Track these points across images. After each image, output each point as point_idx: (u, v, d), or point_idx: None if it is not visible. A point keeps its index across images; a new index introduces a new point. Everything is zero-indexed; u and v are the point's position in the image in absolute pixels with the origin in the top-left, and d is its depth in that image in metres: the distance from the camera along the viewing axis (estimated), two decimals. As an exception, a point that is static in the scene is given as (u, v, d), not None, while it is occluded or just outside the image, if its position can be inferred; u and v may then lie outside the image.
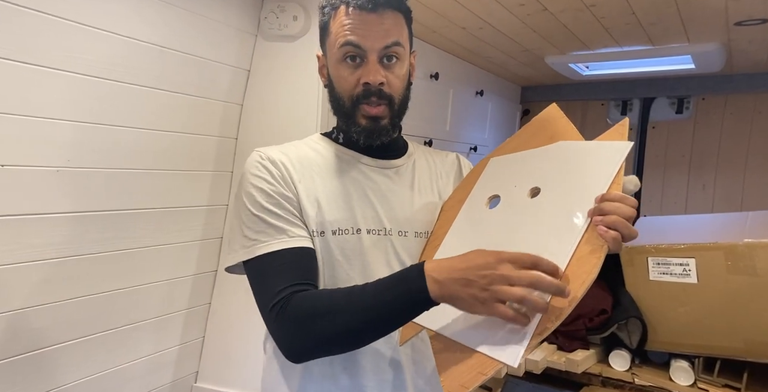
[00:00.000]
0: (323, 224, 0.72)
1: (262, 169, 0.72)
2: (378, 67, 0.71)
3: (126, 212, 1.13)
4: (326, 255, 0.72)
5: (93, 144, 1.04)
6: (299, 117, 1.29)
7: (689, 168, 2.21)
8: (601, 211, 0.59)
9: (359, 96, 0.72)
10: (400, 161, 0.81)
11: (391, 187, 0.78)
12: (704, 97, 2.16)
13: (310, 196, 0.72)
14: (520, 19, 1.40)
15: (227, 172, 1.37)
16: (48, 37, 0.92)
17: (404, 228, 0.76)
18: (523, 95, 2.52)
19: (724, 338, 1.23)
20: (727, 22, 1.36)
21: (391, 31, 0.71)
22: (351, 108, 0.73)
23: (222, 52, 1.26)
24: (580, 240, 0.60)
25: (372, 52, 0.70)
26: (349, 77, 0.72)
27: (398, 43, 0.71)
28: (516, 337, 0.57)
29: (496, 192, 0.73)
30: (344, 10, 0.71)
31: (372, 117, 0.73)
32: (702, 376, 1.28)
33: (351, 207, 0.74)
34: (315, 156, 0.77)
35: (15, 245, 0.94)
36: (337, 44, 0.72)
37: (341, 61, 0.72)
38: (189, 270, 1.32)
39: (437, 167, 0.86)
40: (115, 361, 1.18)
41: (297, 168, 0.74)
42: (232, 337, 1.35)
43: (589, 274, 0.56)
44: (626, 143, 0.64)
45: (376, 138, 0.75)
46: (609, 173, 0.62)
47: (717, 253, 1.24)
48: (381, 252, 0.74)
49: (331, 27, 0.73)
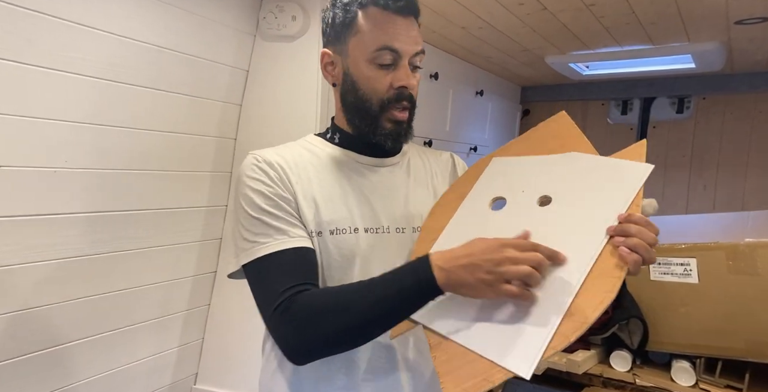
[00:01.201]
0: (321, 224, 0.72)
1: (259, 171, 0.72)
2: (410, 72, 0.73)
3: (124, 213, 1.13)
4: (325, 255, 0.72)
5: (90, 144, 1.03)
6: (298, 117, 1.29)
7: (690, 168, 2.21)
8: (624, 232, 0.59)
9: (390, 99, 0.72)
10: (396, 159, 0.82)
11: (388, 184, 0.78)
12: (705, 97, 2.16)
13: (307, 197, 0.73)
14: (519, 18, 1.40)
15: (226, 172, 1.37)
16: (45, 37, 0.92)
17: (401, 224, 0.77)
18: (523, 95, 2.51)
19: (726, 338, 1.23)
20: (728, 20, 1.36)
21: (419, 37, 0.73)
22: (378, 111, 0.73)
23: (220, 52, 1.26)
24: (597, 257, 0.59)
25: (406, 57, 0.72)
26: (381, 79, 0.72)
27: (423, 52, 0.74)
28: (529, 347, 0.56)
29: (501, 194, 0.72)
30: (379, 12, 0.70)
31: (398, 121, 0.74)
32: (703, 377, 1.27)
33: (348, 207, 0.74)
34: (310, 156, 0.77)
35: (14, 246, 0.94)
36: (373, 46, 0.70)
37: (373, 62, 0.71)
38: (188, 271, 1.31)
39: (431, 165, 0.86)
40: (114, 363, 1.17)
41: (293, 169, 0.74)
42: (231, 339, 1.35)
43: (608, 293, 0.56)
44: (647, 166, 0.63)
45: (401, 140, 0.77)
46: (629, 193, 0.61)
47: (718, 253, 1.23)
48: (379, 250, 0.74)
49: (361, 26, 0.71)
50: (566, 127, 0.74)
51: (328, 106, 1.30)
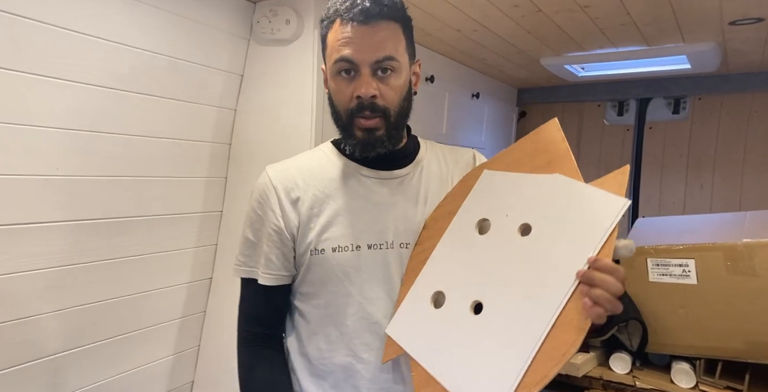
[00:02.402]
0: (322, 242, 0.74)
1: (260, 197, 0.78)
2: (370, 80, 0.71)
3: (118, 220, 1.12)
4: (326, 272, 0.74)
5: (83, 151, 1.02)
6: (293, 121, 1.28)
7: (687, 168, 2.21)
8: (589, 280, 0.58)
9: (354, 110, 0.72)
10: (405, 171, 0.80)
11: (393, 198, 0.77)
12: (700, 97, 2.16)
13: (311, 216, 0.75)
14: (514, 20, 1.40)
15: (221, 178, 1.36)
16: (38, 44, 0.91)
17: (405, 240, 0.76)
18: (520, 97, 2.52)
19: (725, 339, 1.22)
20: (722, 21, 1.36)
21: (384, 43, 0.71)
22: (347, 121, 0.74)
23: (214, 56, 1.25)
24: (566, 302, 0.59)
25: (364, 65, 0.71)
26: (344, 90, 0.73)
27: (391, 58, 0.71)
28: (499, 388, 0.58)
29: (486, 215, 0.73)
30: (339, 23, 0.71)
31: (366, 129, 0.73)
32: (703, 378, 1.26)
33: (351, 223, 0.75)
34: (320, 171, 0.79)
35: (4, 255, 0.93)
36: (333, 58, 0.72)
37: (337, 74, 0.73)
38: (183, 278, 1.30)
39: (450, 171, 0.83)
40: (109, 372, 1.16)
41: (301, 186, 0.76)
42: (228, 346, 1.33)
43: (571, 347, 0.56)
44: (623, 201, 0.61)
45: (371, 149, 0.75)
46: (601, 231, 0.60)
47: (716, 254, 1.23)
48: (380, 267, 0.75)
49: (328, 40, 0.74)
50: (555, 140, 0.73)
51: (323, 109, 1.29)
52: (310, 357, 0.77)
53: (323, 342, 0.76)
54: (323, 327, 0.76)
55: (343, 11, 0.70)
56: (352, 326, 0.74)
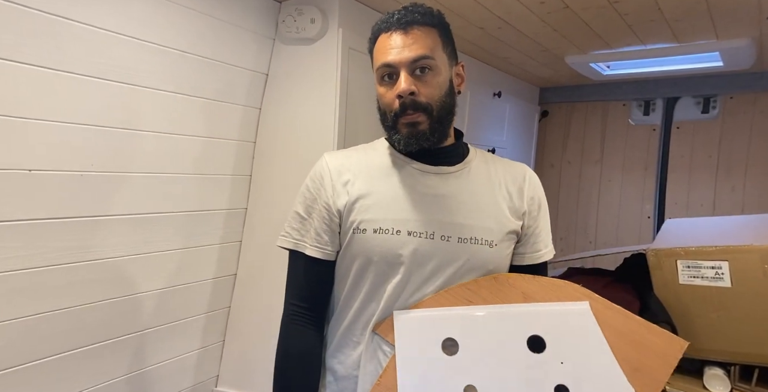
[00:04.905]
0: (366, 222, 0.78)
1: (315, 177, 0.83)
2: (408, 78, 0.75)
3: (145, 216, 1.14)
4: (367, 252, 0.78)
5: (113, 148, 1.04)
6: (317, 120, 1.29)
7: (717, 169, 2.14)
8: None
9: (398, 112, 0.77)
10: (453, 168, 0.83)
11: (439, 191, 0.80)
12: (732, 96, 2.09)
13: (360, 197, 0.79)
14: (540, 17, 1.38)
15: (246, 175, 1.37)
16: (68, 43, 0.93)
17: (448, 233, 0.78)
18: (542, 96, 2.48)
19: (761, 345, 1.17)
20: (760, 15, 1.32)
21: (419, 44, 0.75)
22: (393, 122, 0.79)
23: (240, 55, 1.27)
24: None
25: (402, 67, 0.75)
26: (387, 93, 0.78)
27: (427, 56, 0.75)
28: None
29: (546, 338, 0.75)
30: (381, 37, 0.78)
31: (410, 123, 0.77)
32: (739, 385, 1.22)
33: (395, 209, 0.78)
34: (372, 160, 0.84)
35: (43, 249, 0.95)
36: (376, 67, 0.79)
37: (381, 80, 0.79)
38: (208, 273, 1.32)
39: (498, 175, 0.85)
40: (135, 366, 1.18)
41: (353, 171, 0.82)
42: (252, 341, 1.34)
43: None
44: None
45: (415, 143, 0.77)
46: None
47: (752, 256, 1.18)
48: (420, 255, 0.77)
49: (374, 53, 0.80)
50: (666, 359, 0.74)
51: (347, 108, 1.29)
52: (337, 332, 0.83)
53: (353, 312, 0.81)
54: (356, 302, 0.81)
55: (383, 24, 0.78)
56: (384, 305, 0.78)
